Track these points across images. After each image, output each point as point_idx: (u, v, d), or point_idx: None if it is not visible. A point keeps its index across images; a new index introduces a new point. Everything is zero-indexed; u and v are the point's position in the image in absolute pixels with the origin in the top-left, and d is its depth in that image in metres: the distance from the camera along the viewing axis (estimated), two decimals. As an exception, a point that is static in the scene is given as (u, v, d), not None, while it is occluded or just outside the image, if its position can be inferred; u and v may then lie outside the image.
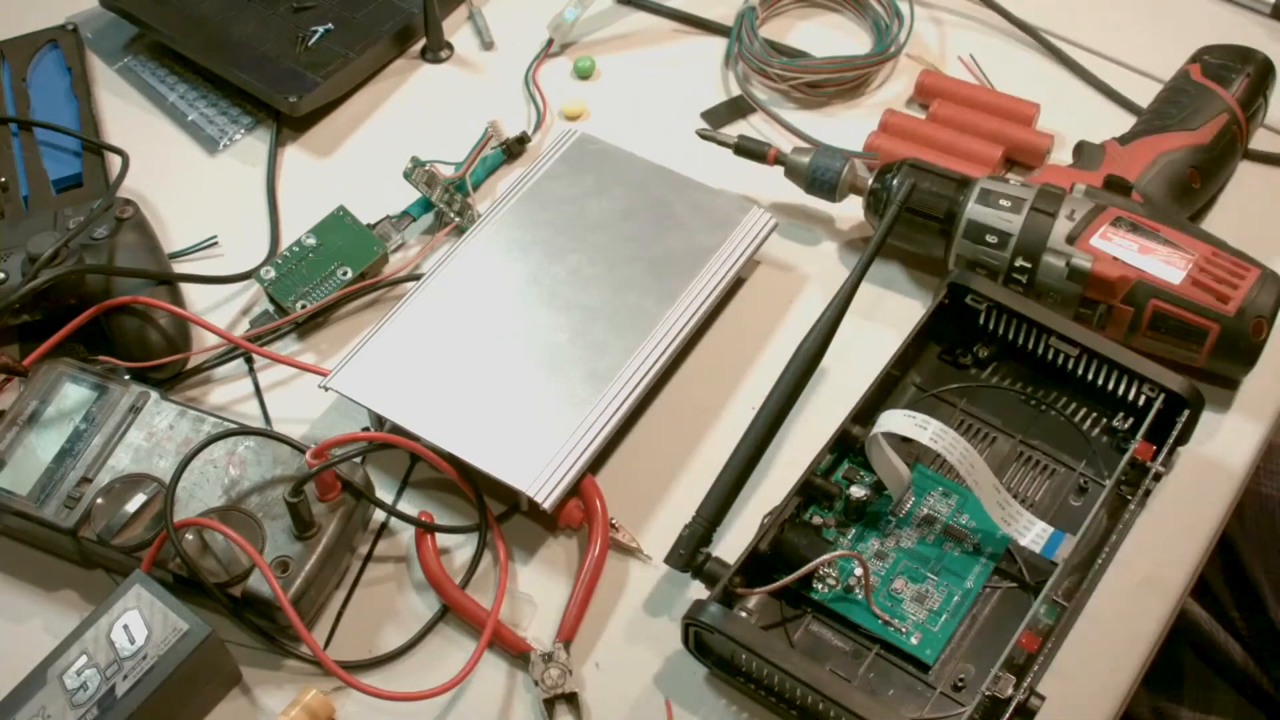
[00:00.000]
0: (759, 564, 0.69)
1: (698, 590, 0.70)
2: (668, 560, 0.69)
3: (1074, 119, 0.91)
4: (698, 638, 0.68)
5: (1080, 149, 0.84)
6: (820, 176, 0.84)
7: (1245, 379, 0.79)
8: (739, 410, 0.79)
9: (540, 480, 0.72)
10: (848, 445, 0.74)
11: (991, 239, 0.78)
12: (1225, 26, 0.98)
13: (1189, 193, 0.82)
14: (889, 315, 0.83)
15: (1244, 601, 0.97)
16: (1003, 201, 0.79)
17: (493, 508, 0.75)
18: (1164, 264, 0.76)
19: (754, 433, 0.72)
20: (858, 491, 0.72)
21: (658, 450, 0.78)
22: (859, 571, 0.69)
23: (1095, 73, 0.95)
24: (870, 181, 0.83)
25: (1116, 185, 0.80)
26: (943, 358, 0.79)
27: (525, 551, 0.74)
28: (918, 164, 0.82)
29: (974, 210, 0.79)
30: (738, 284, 0.85)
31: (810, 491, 0.72)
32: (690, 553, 0.69)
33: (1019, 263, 0.78)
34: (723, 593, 0.67)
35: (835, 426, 0.73)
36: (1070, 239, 0.77)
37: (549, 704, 0.68)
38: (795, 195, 0.87)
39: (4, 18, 1.00)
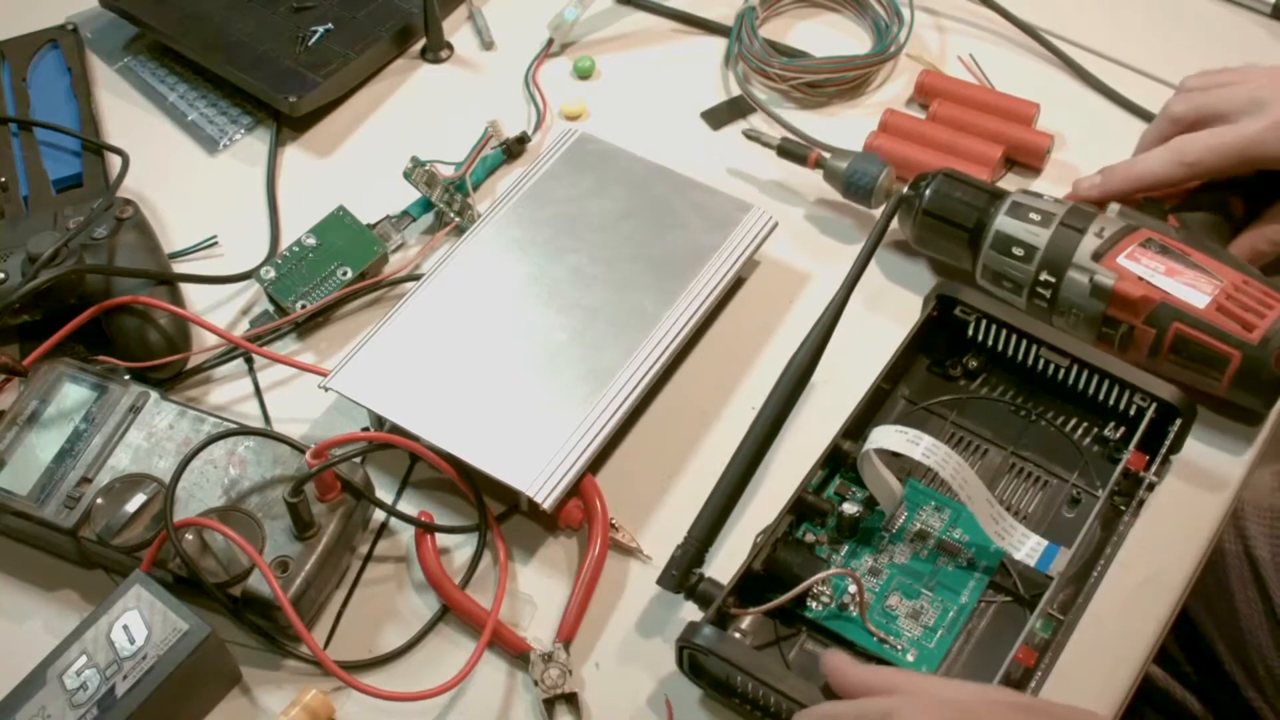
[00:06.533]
0: (753, 582, 0.68)
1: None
2: (660, 582, 0.68)
3: (1074, 119, 0.91)
4: (692, 659, 0.67)
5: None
6: (857, 181, 0.84)
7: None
8: (738, 411, 0.79)
9: (540, 480, 0.72)
10: (839, 461, 0.74)
11: (1018, 251, 0.77)
12: (1225, 27, 0.98)
13: (1231, 221, 0.81)
14: (878, 328, 0.81)
15: (1196, 657, 0.95)
16: (1033, 215, 0.78)
17: (493, 508, 0.75)
18: (1189, 287, 0.74)
19: (746, 450, 0.71)
20: (850, 508, 0.71)
21: (658, 450, 0.78)
22: (853, 589, 0.69)
23: (1095, 73, 0.95)
24: (905, 189, 0.83)
25: (1151, 207, 0.79)
26: (932, 370, 0.78)
27: (525, 551, 0.74)
28: (952, 174, 0.81)
29: (1003, 222, 0.78)
30: (738, 284, 0.85)
31: (802, 509, 0.71)
32: (683, 574, 0.68)
33: (1043, 276, 0.77)
34: (716, 614, 0.66)
35: (826, 442, 0.72)
36: (1096, 256, 0.75)
37: (549, 704, 0.68)
38: (796, 196, 0.87)
39: (4, 18, 1.00)
